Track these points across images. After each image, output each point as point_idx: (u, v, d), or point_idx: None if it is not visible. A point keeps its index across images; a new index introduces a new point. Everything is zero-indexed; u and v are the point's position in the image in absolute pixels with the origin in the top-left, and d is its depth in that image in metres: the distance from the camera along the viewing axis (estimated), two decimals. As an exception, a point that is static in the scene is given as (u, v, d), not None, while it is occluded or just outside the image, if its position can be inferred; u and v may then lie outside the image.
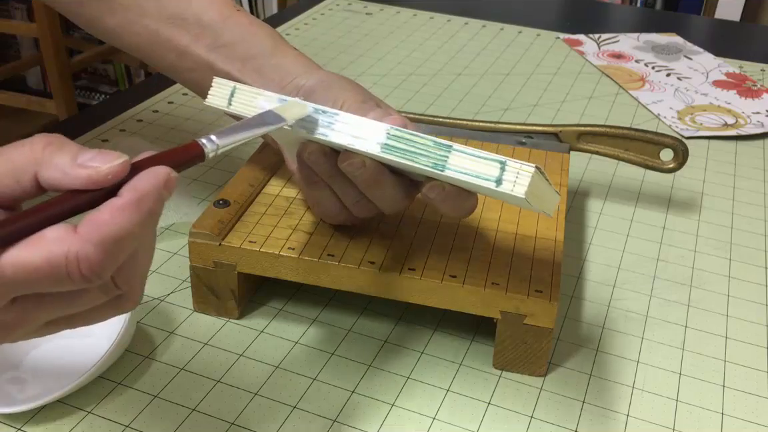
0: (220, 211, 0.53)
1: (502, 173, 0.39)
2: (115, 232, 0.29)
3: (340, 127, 0.42)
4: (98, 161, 0.30)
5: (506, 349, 0.50)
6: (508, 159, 0.39)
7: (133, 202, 0.30)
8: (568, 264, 0.61)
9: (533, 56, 1.02)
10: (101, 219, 0.29)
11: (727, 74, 0.98)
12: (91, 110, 0.87)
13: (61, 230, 0.29)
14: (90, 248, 0.29)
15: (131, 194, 0.30)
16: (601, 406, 0.48)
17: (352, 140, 0.42)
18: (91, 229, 0.29)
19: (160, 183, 0.31)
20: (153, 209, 0.31)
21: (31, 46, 2.64)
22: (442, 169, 0.40)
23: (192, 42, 0.55)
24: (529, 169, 0.38)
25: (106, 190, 0.30)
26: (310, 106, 0.42)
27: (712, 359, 0.53)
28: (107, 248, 0.29)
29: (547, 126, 0.65)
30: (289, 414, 0.47)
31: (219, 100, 0.44)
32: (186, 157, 0.34)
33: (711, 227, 0.67)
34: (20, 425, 0.45)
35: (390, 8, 1.18)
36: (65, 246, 0.29)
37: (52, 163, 0.30)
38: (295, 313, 0.55)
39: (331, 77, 0.51)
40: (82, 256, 0.29)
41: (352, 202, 0.48)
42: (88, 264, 0.29)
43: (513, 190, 0.38)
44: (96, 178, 0.30)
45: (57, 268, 0.29)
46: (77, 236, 0.29)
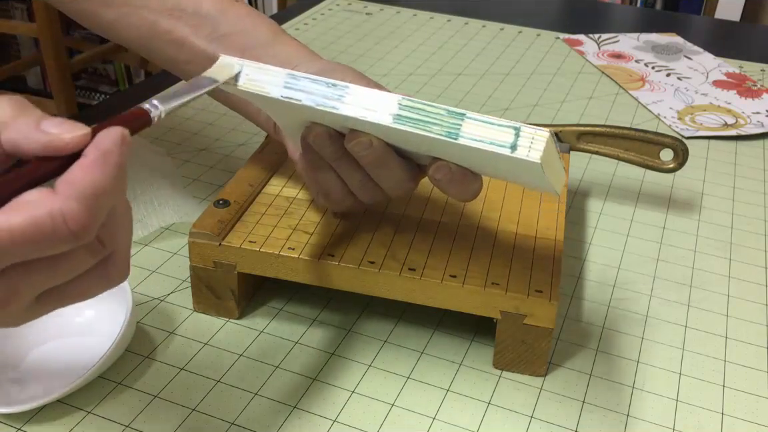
0: (220, 211, 0.53)
1: (517, 139, 0.38)
2: (91, 186, 0.30)
3: (351, 99, 0.41)
4: (60, 129, 0.31)
5: (506, 349, 0.50)
6: (522, 124, 0.38)
7: (99, 158, 0.31)
8: (568, 264, 0.61)
9: (533, 56, 1.02)
10: (75, 176, 0.30)
11: (727, 74, 0.98)
12: (91, 110, 0.87)
13: (39, 192, 0.29)
14: (72, 203, 0.29)
15: (96, 151, 0.31)
16: (601, 406, 0.48)
17: (364, 112, 0.41)
18: (68, 186, 0.30)
19: (118, 138, 0.31)
20: (119, 162, 0.31)
21: (31, 46, 2.65)
22: (456, 137, 0.39)
23: (191, 33, 0.55)
24: (543, 134, 0.38)
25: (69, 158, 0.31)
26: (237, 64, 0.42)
27: (712, 359, 0.53)
28: (88, 202, 0.30)
29: (547, 126, 0.65)
30: (289, 414, 0.47)
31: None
32: (135, 121, 0.35)
33: (711, 227, 0.67)
34: (20, 425, 0.45)
35: (390, 8, 1.18)
36: (48, 205, 0.29)
37: (15, 125, 0.31)
38: (295, 313, 0.55)
39: (332, 65, 0.51)
40: (66, 211, 0.29)
41: (358, 186, 0.47)
42: (74, 219, 0.29)
43: (528, 156, 0.38)
44: (57, 145, 0.30)
45: (43, 227, 0.29)
46: (57, 195, 0.29)
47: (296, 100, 0.42)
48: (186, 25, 0.55)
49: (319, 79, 0.42)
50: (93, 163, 0.30)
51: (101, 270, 0.33)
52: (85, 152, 0.31)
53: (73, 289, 0.33)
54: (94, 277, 0.33)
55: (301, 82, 0.42)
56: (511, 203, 0.56)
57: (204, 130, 0.79)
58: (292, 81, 0.42)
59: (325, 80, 0.42)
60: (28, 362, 0.49)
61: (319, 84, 0.42)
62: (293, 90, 0.42)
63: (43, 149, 0.30)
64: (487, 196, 0.57)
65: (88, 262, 0.32)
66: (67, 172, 0.30)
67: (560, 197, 0.57)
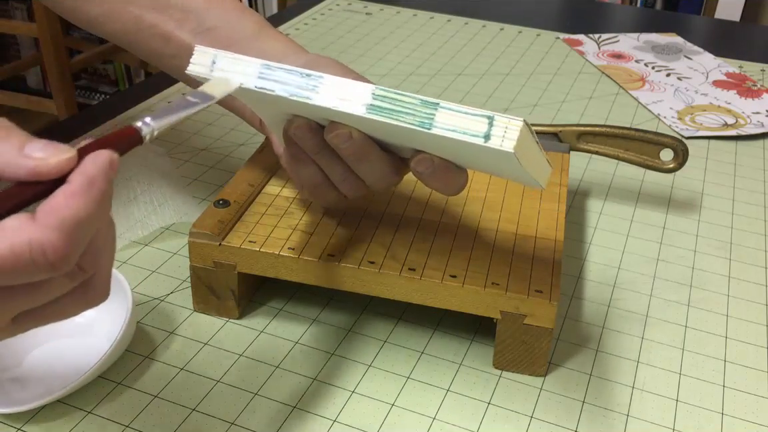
0: (220, 211, 0.53)
1: (491, 128, 0.38)
2: (73, 215, 0.29)
3: (325, 90, 0.41)
4: (45, 153, 0.30)
5: (506, 349, 0.50)
6: (496, 114, 0.38)
7: (84, 185, 0.30)
8: (568, 264, 0.61)
9: (533, 56, 1.02)
10: (57, 204, 0.29)
11: (727, 74, 0.98)
12: (91, 110, 0.87)
13: (19, 219, 0.29)
14: (52, 234, 0.29)
15: (81, 178, 0.30)
16: (601, 406, 0.48)
17: (338, 102, 0.40)
18: (49, 215, 0.29)
19: (106, 164, 0.31)
20: (104, 189, 0.30)
21: (31, 46, 2.65)
22: (429, 128, 0.39)
23: (176, 27, 0.55)
24: (517, 122, 0.37)
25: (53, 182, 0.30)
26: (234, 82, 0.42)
27: (712, 359, 0.53)
28: (68, 232, 0.29)
29: (547, 126, 0.65)
30: (289, 414, 0.47)
31: (200, 68, 0.44)
32: (124, 141, 0.34)
33: (711, 227, 0.67)
34: (20, 425, 0.45)
35: (390, 8, 1.18)
36: (26, 234, 0.29)
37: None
38: (295, 313, 0.55)
39: (318, 58, 0.51)
40: (45, 242, 0.29)
41: (340, 179, 0.47)
42: (53, 249, 0.29)
43: (502, 145, 0.37)
44: (42, 170, 0.30)
45: (21, 256, 0.29)
46: (36, 224, 0.29)
47: (270, 90, 0.41)
48: (171, 19, 0.55)
49: (294, 69, 0.41)
50: (77, 191, 0.30)
51: (80, 292, 0.33)
52: (69, 178, 0.30)
53: (51, 311, 0.33)
54: (72, 299, 0.33)
55: (276, 73, 0.42)
56: (511, 203, 0.56)
57: (204, 130, 0.79)
58: (267, 71, 0.42)
59: (300, 70, 0.41)
60: (28, 362, 0.49)
61: (293, 74, 0.41)
62: (267, 80, 0.42)
63: (28, 175, 0.30)
64: (487, 196, 0.57)
65: (67, 286, 0.32)
66: (49, 198, 0.30)
67: (560, 197, 0.57)
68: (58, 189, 0.30)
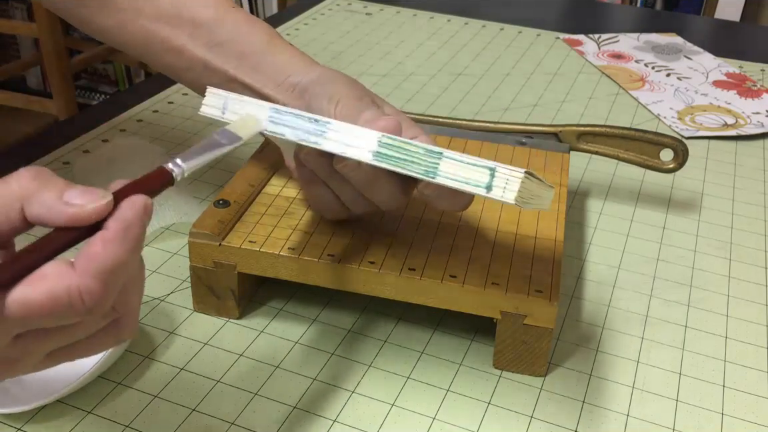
0: (220, 211, 0.53)
1: (492, 179, 0.39)
2: (109, 262, 0.31)
3: (332, 135, 0.42)
4: (83, 199, 0.31)
5: (506, 349, 0.50)
6: (498, 165, 0.39)
7: (120, 232, 0.31)
8: (568, 264, 0.61)
9: (533, 56, 1.02)
10: (95, 251, 0.31)
11: (727, 74, 0.98)
12: (91, 110, 0.87)
13: (59, 266, 0.30)
14: (89, 281, 0.30)
15: (117, 225, 0.31)
16: (601, 406, 0.48)
17: (345, 148, 0.42)
18: (87, 262, 0.30)
19: (141, 211, 0.32)
20: (138, 236, 0.32)
21: (31, 46, 2.65)
22: (434, 176, 0.40)
23: (188, 41, 0.55)
24: (518, 174, 0.38)
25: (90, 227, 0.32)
26: (263, 122, 0.43)
27: (712, 359, 0.53)
28: (104, 278, 0.31)
29: (547, 126, 0.65)
30: (289, 414, 0.47)
31: (212, 110, 0.46)
32: (157, 183, 0.35)
33: (711, 227, 0.67)
34: (20, 425, 0.45)
35: (390, 8, 1.18)
36: (66, 281, 0.30)
37: (38, 198, 0.31)
38: (295, 313, 0.55)
39: (328, 73, 0.51)
40: (83, 289, 0.30)
41: (350, 201, 0.49)
42: (90, 296, 0.30)
43: (503, 197, 0.39)
44: (81, 216, 0.31)
45: (60, 302, 0.30)
46: (75, 271, 0.30)
47: (280, 134, 0.43)
48: (183, 32, 0.55)
49: (303, 115, 0.43)
50: (113, 237, 0.31)
51: (111, 330, 0.34)
52: (107, 224, 0.32)
53: (83, 347, 0.34)
54: (103, 336, 0.34)
55: (285, 117, 0.43)
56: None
57: (204, 130, 0.79)
58: (277, 115, 0.43)
59: (308, 115, 0.43)
60: (28, 362, 0.49)
61: (302, 119, 0.43)
62: (277, 125, 0.43)
63: (67, 222, 0.31)
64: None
65: (99, 325, 0.34)
66: (87, 244, 0.31)
67: (560, 197, 0.57)
68: (96, 235, 0.31)
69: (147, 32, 0.56)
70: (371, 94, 0.50)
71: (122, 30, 0.56)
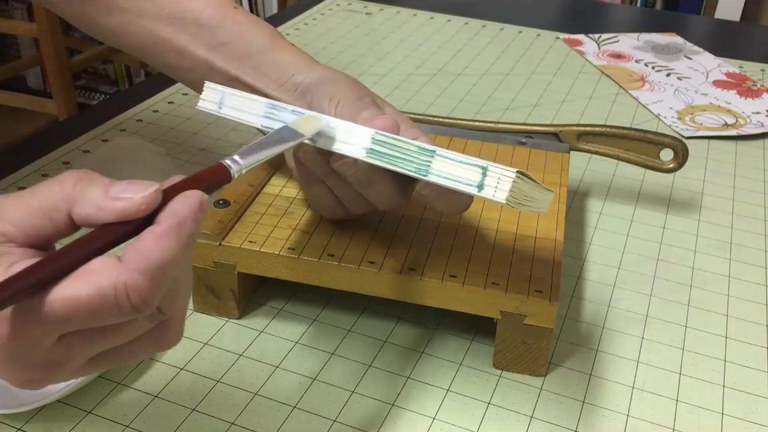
0: (220, 211, 0.53)
1: (484, 178, 0.39)
2: (159, 259, 0.29)
3: (327, 132, 0.42)
4: (130, 192, 0.30)
5: (506, 349, 0.50)
6: (490, 164, 0.39)
7: (174, 228, 0.30)
8: (568, 264, 0.61)
9: (533, 56, 1.02)
10: (145, 247, 0.29)
11: (727, 74, 0.98)
12: (91, 110, 0.87)
13: (106, 261, 0.29)
14: (138, 277, 0.29)
15: (171, 220, 0.30)
16: (601, 406, 0.48)
17: (340, 145, 0.42)
18: (137, 257, 0.29)
19: (196, 206, 0.31)
20: (192, 232, 0.31)
21: (31, 46, 2.65)
22: (426, 174, 0.40)
23: (190, 42, 0.55)
24: (509, 174, 0.38)
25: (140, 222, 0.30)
26: (324, 119, 0.42)
27: (712, 359, 0.53)
28: (154, 275, 0.29)
29: (547, 126, 0.65)
30: (289, 414, 0.47)
31: (210, 104, 0.45)
32: (214, 179, 0.34)
33: (711, 227, 0.67)
34: (20, 425, 0.45)
35: (390, 8, 1.18)
36: (113, 277, 0.29)
37: (85, 198, 0.30)
38: (295, 313, 0.55)
39: (329, 73, 0.51)
40: (130, 285, 0.29)
41: (348, 200, 0.49)
42: (137, 293, 0.29)
43: (494, 196, 0.38)
44: (131, 210, 0.30)
45: (107, 299, 0.29)
46: (123, 266, 0.29)
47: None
48: (185, 33, 0.55)
49: (297, 110, 0.43)
50: (165, 233, 0.30)
51: (155, 334, 0.33)
52: (159, 218, 0.30)
53: (126, 352, 0.33)
54: (147, 341, 0.33)
55: (281, 113, 0.43)
56: (511, 203, 0.56)
57: (204, 130, 0.79)
58: (273, 111, 0.44)
59: (302, 111, 0.43)
60: (28, 362, 0.49)
61: (297, 115, 0.43)
62: (273, 120, 0.43)
63: (117, 217, 0.30)
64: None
65: (145, 328, 0.32)
66: (138, 239, 0.30)
67: (560, 197, 0.57)
68: (147, 230, 0.30)
69: (149, 33, 0.55)
70: (372, 95, 0.50)
71: (125, 31, 0.56)
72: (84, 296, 0.29)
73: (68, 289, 0.29)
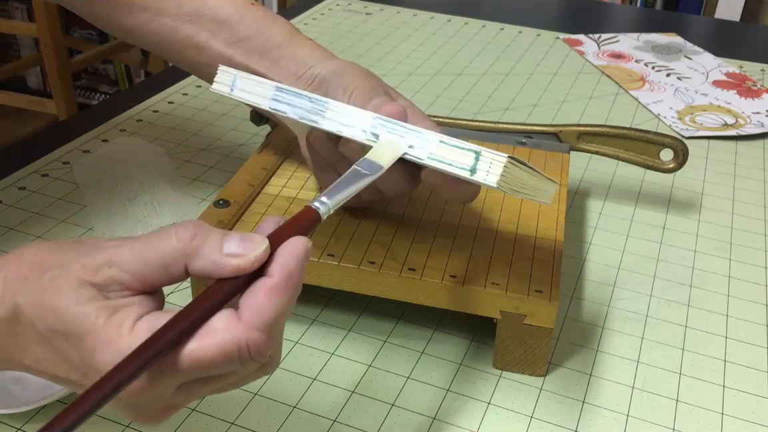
0: (220, 211, 0.53)
1: (477, 163, 0.40)
2: (274, 314, 0.32)
3: (331, 114, 0.44)
4: (243, 248, 0.32)
5: (506, 349, 0.50)
6: (483, 149, 0.40)
7: (285, 281, 0.32)
8: (568, 264, 0.61)
9: (533, 56, 1.02)
10: (260, 303, 0.31)
11: (727, 74, 0.98)
12: (91, 110, 0.87)
13: (227, 320, 0.31)
14: (257, 334, 0.31)
15: (282, 273, 0.32)
16: (601, 406, 0.48)
17: (341, 127, 0.44)
18: (253, 314, 0.31)
19: (303, 256, 0.33)
20: (299, 283, 0.33)
21: (31, 46, 2.64)
22: (423, 158, 0.41)
23: (210, 38, 0.56)
24: (501, 159, 0.39)
25: (251, 275, 0.32)
26: (402, 143, 0.42)
27: (712, 359, 0.53)
28: (270, 330, 0.32)
29: (547, 126, 0.65)
30: (289, 414, 0.47)
31: (222, 86, 0.47)
32: (306, 223, 0.35)
33: (711, 227, 0.67)
34: (20, 425, 0.45)
35: (390, 8, 1.18)
36: (235, 335, 0.31)
37: (201, 254, 0.32)
38: (295, 313, 0.55)
39: (345, 66, 0.53)
40: (251, 343, 0.31)
41: None
42: (256, 348, 0.31)
43: (486, 179, 0.39)
44: (244, 267, 0.32)
45: (230, 356, 0.31)
46: (243, 324, 0.31)
47: (282, 112, 0.45)
48: (204, 29, 0.56)
49: (303, 94, 0.45)
50: (277, 288, 0.32)
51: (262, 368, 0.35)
52: (270, 270, 0.32)
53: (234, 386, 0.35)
54: (255, 374, 0.35)
55: (288, 96, 0.45)
56: (511, 203, 0.56)
57: (204, 130, 0.79)
58: (280, 94, 0.45)
59: (308, 95, 0.44)
60: (28, 362, 0.49)
61: (303, 98, 0.44)
62: (280, 103, 0.45)
63: (232, 274, 0.32)
64: (487, 196, 0.57)
65: (256, 366, 0.34)
66: (252, 294, 0.32)
67: (560, 197, 0.57)
68: (259, 283, 0.32)
69: (169, 30, 0.57)
70: (385, 86, 0.51)
71: (144, 29, 0.57)
72: (210, 355, 0.31)
73: (195, 348, 0.31)
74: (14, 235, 0.62)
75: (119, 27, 0.59)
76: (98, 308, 0.31)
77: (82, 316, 0.31)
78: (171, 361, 0.31)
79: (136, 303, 0.32)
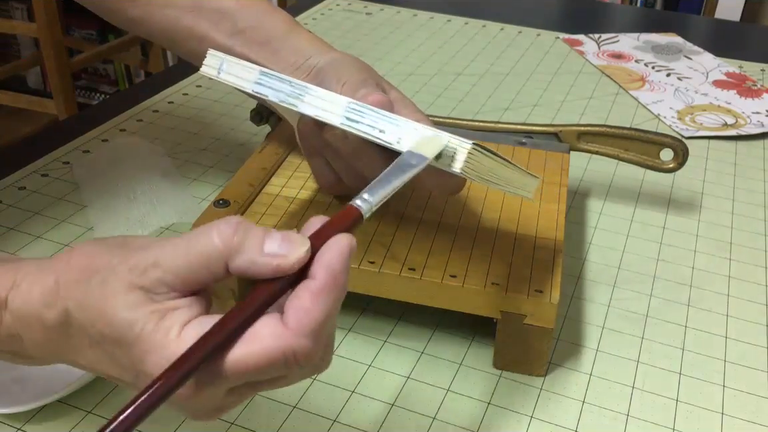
0: (220, 211, 0.53)
1: (443, 149, 0.40)
2: (320, 318, 0.31)
3: (309, 99, 0.44)
4: (284, 249, 0.31)
5: (506, 349, 0.50)
6: (451, 136, 0.40)
7: (330, 283, 0.31)
8: (568, 264, 0.61)
9: (533, 56, 1.02)
10: (305, 306, 0.31)
11: (727, 74, 0.98)
12: (91, 110, 0.87)
13: (272, 325, 0.31)
14: (303, 341, 0.31)
15: (326, 275, 0.31)
16: (601, 406, 0.48)
17: (319, 112, 0.44)
18: (299, 320, 0.31)
19: (347, 255, 0.32)
20: (345, 283, 0.32)
21: (31, 46, 2.64)
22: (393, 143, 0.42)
23: (211, 29, 0.57)
24: (465, 146, 0.40)
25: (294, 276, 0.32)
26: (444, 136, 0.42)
27: (712, 359, 0.53)
28: (316, 335, 0.31)
29: (547, 126, 0.65)
30: (289, 414, 0.47)
31: (210, 69, 0.48)
32: (349, 222, 0.34)
33: (711, 227, 0.67)
34: (20, 425, 0.45)
35: (390, 8, 1.18)
36: (281, 342, 0.30)
37: (241, 252, 0.31)
38: (295, 313, 0.55)
39: (342, 57, 0.54)
40: (297, 349, 0.31)
41: (342, 171, 0.52)
42: (304, 354, 0.31)
43: (450, 166, 0.40)
44: (284, 268, 0.31)
45: (276, 362, 0.31)
46: (289, 331, 0.30)
47: (263, 95, 0.45)
48: (206, 20, 0.57)
49: (285, 79, 0.45)
50: (322, 289, 0.31)
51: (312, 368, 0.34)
52: (313, 272, 0.31)
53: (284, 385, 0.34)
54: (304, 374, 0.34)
55: (271, 81, 0.46)
56: (511, 203, 0.56)
57: (204, 130, 0.79)
58: (264, 78, 0.46)
59: (289, 79, 0.45)
60: (28, 362, 0.49)
61: (284, 83, 0.45)
62: (263, 86, 0.46)
63: (272, 275, 0.31)
64: (487, 196, 0.57)
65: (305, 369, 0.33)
66: (296, 298, 0.31)
67: (560, 197, 0.57)
68: (303, 285, 0.31)
69: (172, 21, 0.58)
70: (378, 78, 0.52)
71: (148, 19, 0.59)
72: (255, 361, 0.30)
73: (240, 355, 0.30)
74: (14, 235, 0.62)
75: (124, 17, 0.60)
76: (146, 314, 0.31)
77: (131, 323, 0.31)
78: (217, 369, 0.30)
79: (183, 306, 0.32)
